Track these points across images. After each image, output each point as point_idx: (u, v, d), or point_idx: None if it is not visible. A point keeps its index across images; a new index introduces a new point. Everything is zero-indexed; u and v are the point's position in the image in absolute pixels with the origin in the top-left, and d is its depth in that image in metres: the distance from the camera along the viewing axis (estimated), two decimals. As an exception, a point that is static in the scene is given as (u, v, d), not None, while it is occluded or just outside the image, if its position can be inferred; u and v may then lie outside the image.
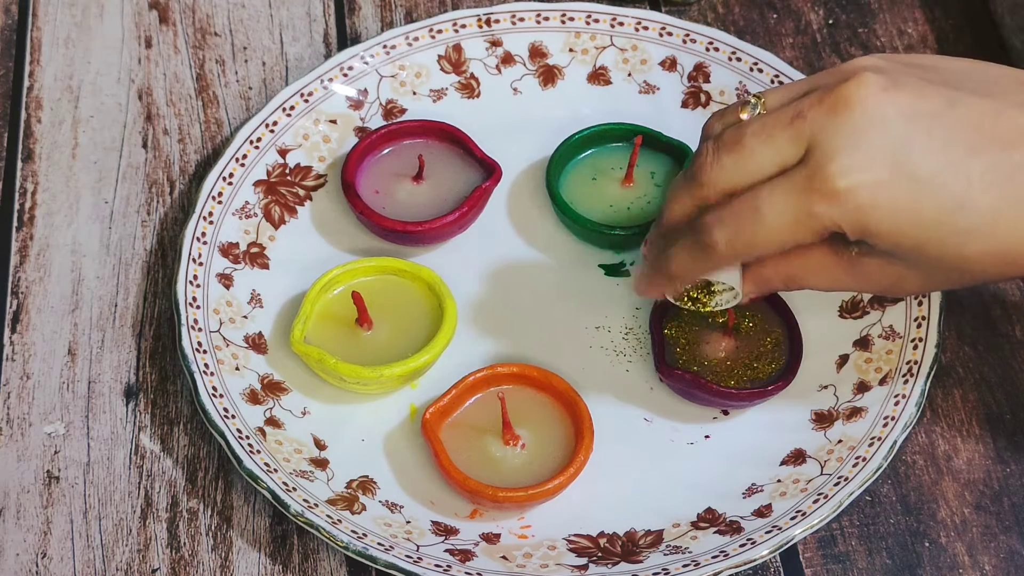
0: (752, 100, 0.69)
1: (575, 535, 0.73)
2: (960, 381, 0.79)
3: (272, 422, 0.76)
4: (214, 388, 0.75)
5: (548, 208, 0.84)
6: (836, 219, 0.64)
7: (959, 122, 0.65)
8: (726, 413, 0.77)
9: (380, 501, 0.74)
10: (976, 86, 0.67)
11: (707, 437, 0.76)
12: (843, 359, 0.78)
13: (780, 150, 0.66)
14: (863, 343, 0.78)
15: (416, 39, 0.88)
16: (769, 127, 0.66)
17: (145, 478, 0.75)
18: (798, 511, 0.72)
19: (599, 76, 0.88)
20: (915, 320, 0.77)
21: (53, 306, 0.81)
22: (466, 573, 0.70)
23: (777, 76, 0.85)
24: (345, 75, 0.86)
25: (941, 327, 0.77)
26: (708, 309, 0.73)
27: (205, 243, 0.80)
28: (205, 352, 0.76)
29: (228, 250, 0.81)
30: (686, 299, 0.73)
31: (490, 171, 0.82)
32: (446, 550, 0.72)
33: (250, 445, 0.73)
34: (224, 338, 0.78)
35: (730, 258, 0.68)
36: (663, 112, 0.87)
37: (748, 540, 0.71)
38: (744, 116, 0.69)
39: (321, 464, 0.75)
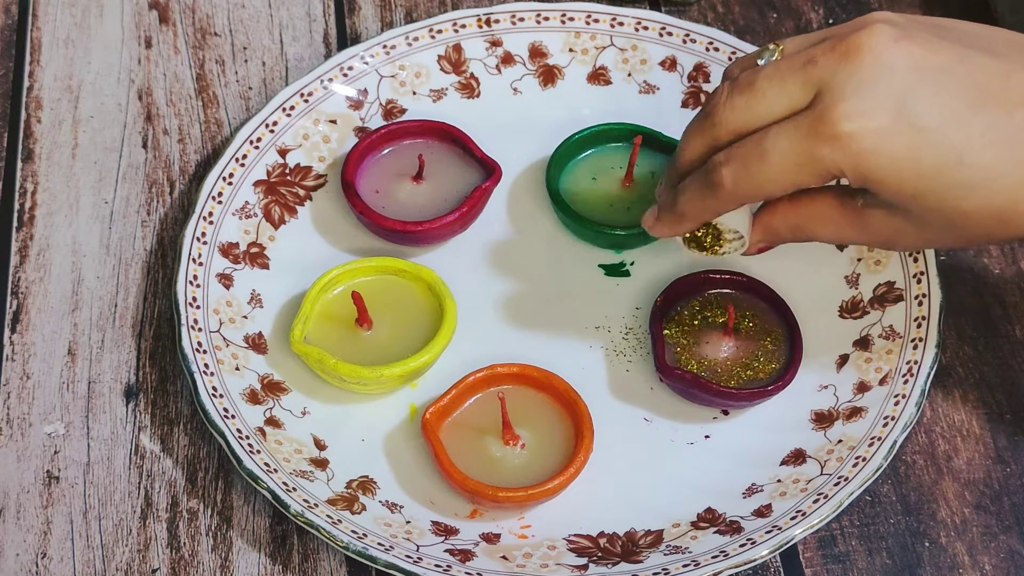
0: (771, 47, 0.70)
1: (575, 535, 0.73)
2: (960, 381, 0.79)
3: (272, 422, 0.76)
4: (214, 388, 0.75)
5: (548, 208, 0.84)
6: (838, 163, 0.65)
7: (967, 78, 0.66)
8: (726, 413, 0.77)
9: (380, 501, 0.74)
10: (988, 46, 0.67)
11: (707, 437, 0.76)
12: (843, 359, 0.78)
13: (790, 94, 0.67)
14: (863, 343, 0.78)
15: (416, 39, 0.88)
16: (782, 71, 0.68)
17: (145, 478, 0.75)
18: (798, 511, 0.72)
19: (599, 76, 0.88)
20: (915, 320, 0.77)
21: (53, 306, 0.81)
22: (466, 573, 0.70)
23: (777, 76, 0.85)
24: (345, 75, 0.86)
25: (941, 327, 0.77)
26: (717, 255, 0.74)
27: (205, 243, 0.80)
28: (205, 352, 0.76)
29: (228, 250, 0.81)
30: (693, 243, 0.74)
31: (490, 171, 0.82)
32: (446, 550, 0.72)
33: (250, 445, 0.73)
34: (224, 338, 0.78)
35: (736, 197, 0.69)
36: (663, 112, 0.87)
37: (748, 540, 0.71)
38: (761, 62, 0.70)
39: (321, 464, 0.75)
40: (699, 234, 0.74)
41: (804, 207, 0.71)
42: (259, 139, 0.84)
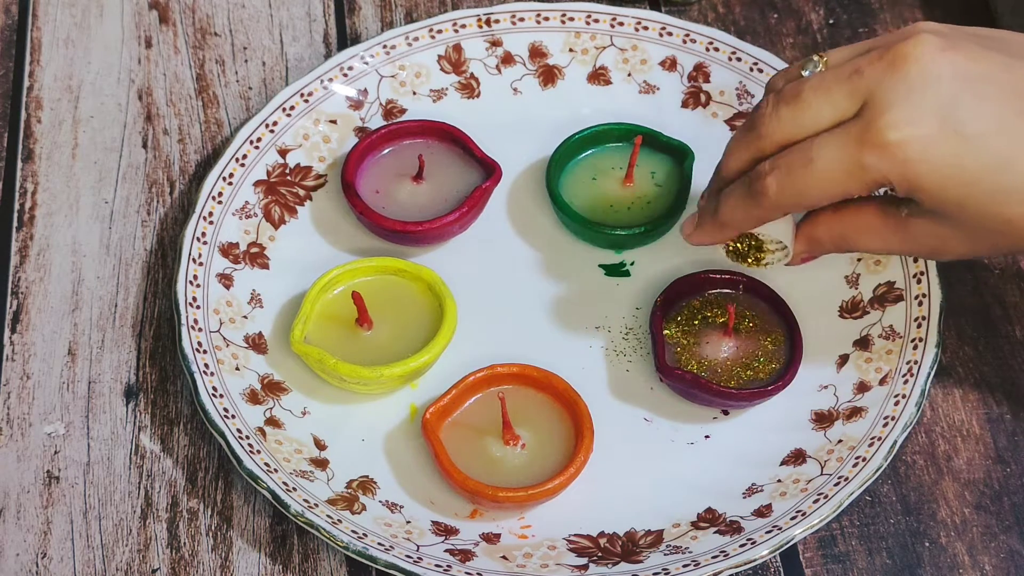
0: (815, 58, 0.70)
1: (575, 535, 0.73)
2: (960, 381, 0.79)
3: (272, 422, 0.76)
4: (214, 388, 0.75)
5: (548, 208, 0.84)
6: (885, 171, 0.66)
7: (1011, 87, 0.66)
8: (726, 413, 0.77)
9: (380, 501, 0.74)
10: None
11: (707, 437, 0.76)
12: (843, 359, 0.78)
13: (837, 104, 0.67)
14: (863, 343, 0.78)
15: (416, 39, 0.88)
16: (828, 82, 0.68)
17: (145, 478, 0.75)
18: (798, 511, 0.72)
19: (599, 76, 0.88)
20: (915, 320, 0.77)
21: (53, 306, 0.81)
22: (466, 573, 0.70)
23: (777, 76, 0.85)
24: (345, 75, 0.86)
25: (941, 327, 0.77)
26: (760, 266, 0.75)
27: (205, 243, 0.80)
28: (205, 352, 0.76)
29: (228, 250, 0.81)
30: (736, 254, 0.75)
31: (490, 171, 0.82)
32: (446, 550, 0.72)
33: (250, 445, 0.73)
34: (224, 338, 0.78)
35: (780, 207, 0.69)
36: (663, 112, 0.87)
37: (748, 540, 0.71)
38: (805, 73, 0.70)
39: (321, 464, 0.75)
40: (741, 246, 0.75)
41: (848, 217, 0.71)
42: (259, 139, 0.84)
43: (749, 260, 0.75)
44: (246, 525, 0.74)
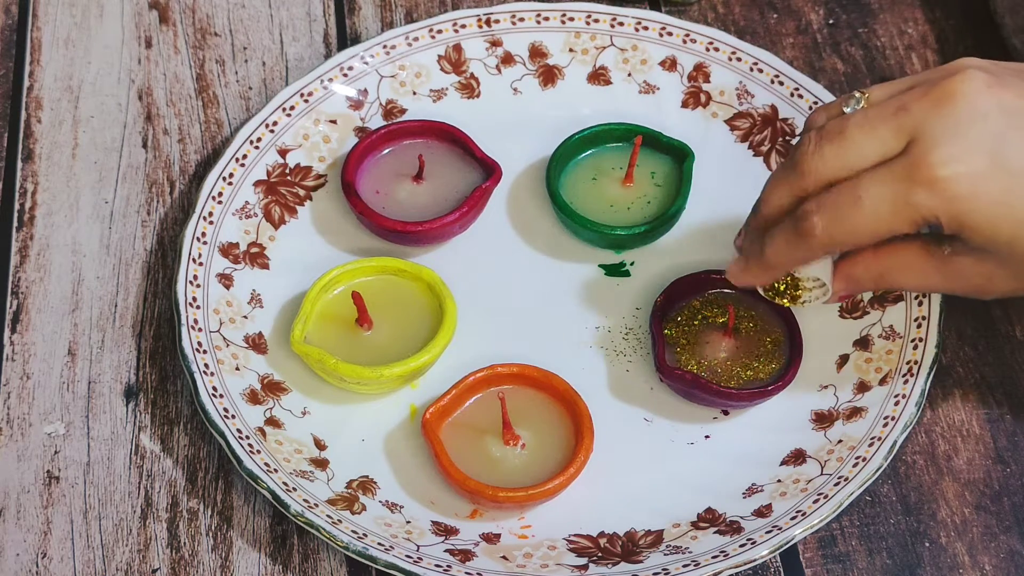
0: (857, 95, 0.70)
1: (575, 535, 0.73)
2: (960, 381, 0.79)
3: (272, 422, 0.76)
4: (214, 388, 0.75)
5: (548, 208, 0.84)
6: (934, 208, 0.65)
7: None
8: (726, 413, 0.77)
9: (380, 501, 0.74)
10: None
11: (707, 437, 0.76)
12: (843, 359, 0.78)
13: (883, 141, 0.67)
14: (863, 343, 0.78)
15: (416, 39, 0.88)
16: (872, 119, 0.67)
17: (145, 478, 0.75)
18: (798, 511, 0.72)
19: (599, 76, 0.88)
20: (915, 320, 0.77)
21: (53, 306, 0.81)
22: (466, 573, 0.70)
23: (777, 76, 0.85)
24: (345, 75, 0.86)
25: (941, 327, 0.77)
26: (797, 304, 0.74)
27: (205, 243, 0.80)
28: (205, 352, 0.76)
29: (228, 250, 0.81)
30: (774, 292, 0.74)
31: (490, 171, 0.82)
32: (446, 550, 0.72)
33: (250, 445, 0.73)
34: (224, 338, 0.78)
35: (826, 245, 0.68)
36: (663, 112, 0.87)
37: (748, 540, 0.71)
38: (847, 110, 0.70)
39: (321, 464, 0.75)
40: (779, 284, 0.74)
41: (888, 256, 0.71)
42: (259, 139, 0.84)
43: (787, 299, 0.75)
44: (246, 525, 0.74)
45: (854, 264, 0.72)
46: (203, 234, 0.80)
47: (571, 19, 0.88)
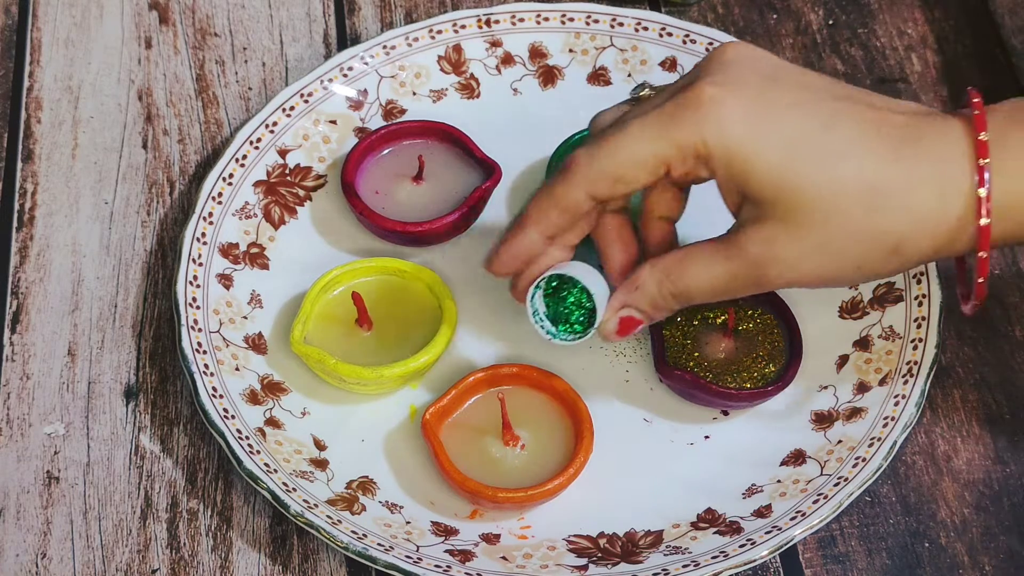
0: (641, 83, 0.72)
1: (575, 535, 0.73)
2: (960, 381, 0.79)
3: (272, 422, 0.76)
4: (214, 388, 0.75)
5: (548, 208, 0.84)
6: (701, 132, 0.64)
7: (829, 81, 0.67)
8: (726, 413, 0.77)
9: (380, 501, 0.74)
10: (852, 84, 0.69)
11: (707, 437, 0.76)
12: (843, 359, 0.78)
13: (656, 101, 0.68)
14: (863, 343, 0.78)
15: (416, 40, 0.88)
16: (656, 94, 0.69)
17: (145, 478, 0.75)
18: (798, 511, 0.72)
19: (599, 76, 0.88)
20: (915, 320, 0.77)
21: (53, 306, 0.81)
22: (466, 573, 0.70)
23: (777, 76, 0.85)
24: (345, 75, 0.86)
25: (941, 327, 0.77)
26: (569, 338, 0.73)
27: (205, 243, 0.80)
28: (205, 352, 0.76)
29: (228, 250, 0.81)
30: (544, 326, 0.73)
31: (490, 171, 0.82)
32: (446, 550, 0.72)
33: (250, 445, 0.73)
34: (224, 338, 0.78)
35: (588, 177, 0.67)
36: (663, 112, 0.87)
37: (748, 540, 0.71)
38: (631, 92, 0.72)
39: (321, 464, 0.75)
40: (545, 309, 0.73)
41: (673, 253, 0.69)
42: (259, 139, 0.84)
43: (551, 331, 0.73)
44: (246, 525, 0.74)
45: (640, 269, 0.70)
46: (203, 234, 0.80)
47: (571, 19, 0.88)
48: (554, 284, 0.73)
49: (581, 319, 0.73)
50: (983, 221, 0.64)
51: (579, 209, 0.69)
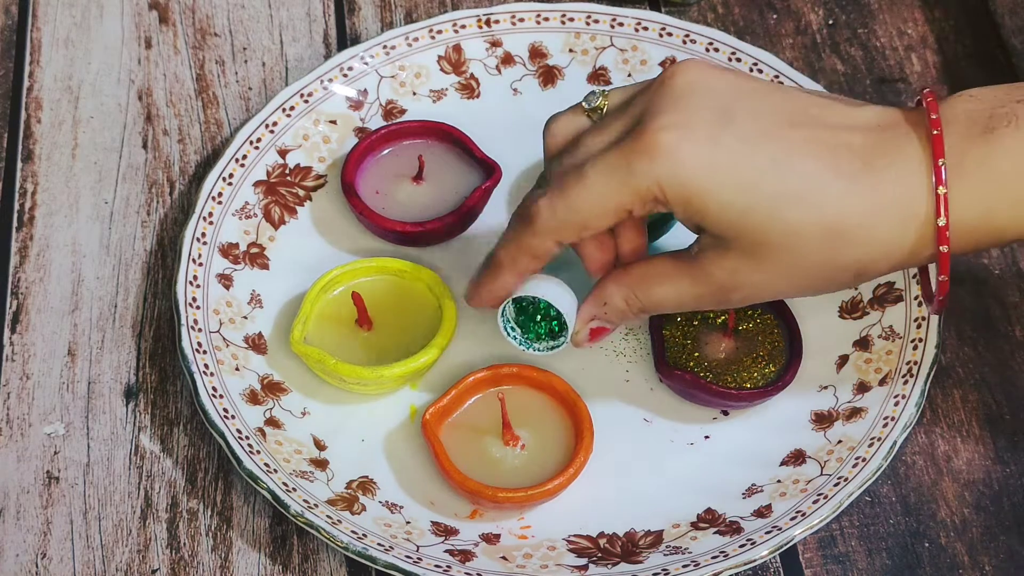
0: (596, 91, 0.70)
1: (575, 535, 0.73)
2: (960, 381, 0.79)
3: (272, 422, 0.76)
4: (214, 388, 0.75)
5: (548, 208, 0.84)
6: (657, 177, 0.64)
7: (784, 101, 0.66)
8: (726, 413, 0.77)
9: (380, 502, 0.74)
10: (807, 90, 0.68)
11: (707, 437, 0.76)
12: (843, 359, 0.78)
13: (611, 134, 0.67)
14: (863, 343, 0.78)
15: (416, 40, 0.88)
16: (604, 122, 0.68)
17: (145, 478, 0.75)
18: (798, 511, 0.72)
19: (599, 76, 0.88)
20: (915, 320, 0.77)
21: (53, 306, 0.81)
22: (466, 573, 0.70)
23: (777, 76, 0.85)
24: (345, 75, 0.86)
25: (941, 327, 0.77)
26: (542, 349, 0.74)
27: (205, 243, 0.80)
28: (205, 353, 0.76)
29: (228, 250, 0.81)
30: (520, 339, 0.74)
31: (490, 171, 0.82)
32: (446, 550, 0.72)
33: (250, 445, 0.73)
34: (224, 338, 0.78)
35: (553, 228, 0.67)
36: (663, 112, 0.87)
37: (748, 540, 0.71)
38: (586, 105, 0.70)
39: (321, 464, 0.75)
40: (516, 322, 0.74)
41: (637, 268, 0.70)
42: (259, 139, 0.84)
43: (527, 344, 0.74)
44: (246, 525, 0.74)
45: (604, 283, 0.71)
46: (203, 234, 0.80)
47: (571, 19, 0.88)
48: (522, 304, 0.74)
49: (552, 328, 0.74)
50: (943, 248, 0.64)
51: (549, 252, 0.69)
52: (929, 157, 0.64)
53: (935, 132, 0.64)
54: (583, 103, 0.70)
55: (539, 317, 0.74)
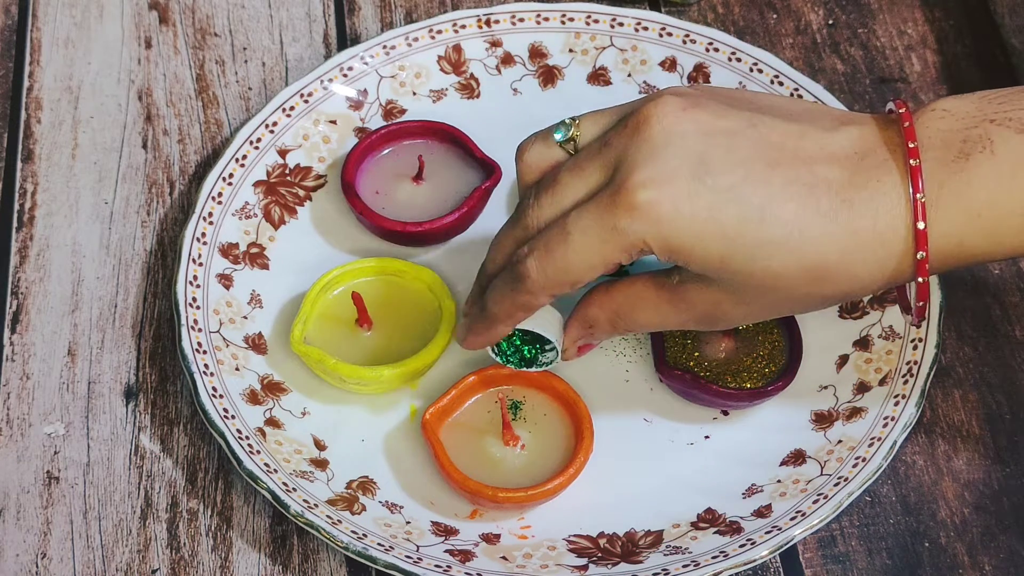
0: (567, 121, 0.70)
1: (575, 535, 0.73)
2: (960, 381, 0.79)
3: (272, 422, 0.76)
4: (214, 388, 0.75)
5: (548, 208, 0.84)
6: (640, 233, 0.64)
7: (760, 139, 0.65)
8: (726, 413, 0.77)
9: (380, 501, 0.74)
10: (782, 113, 0.67)
11: (707, 437, 0.76)
12: (843, 359, 0.78)
13: (589, 178, 0.67)
14: (863, 343, 0.78)
15: (416, 40, 0.88)
16: (581, 161, 0.68)
17: (145, 478, 0.76)
18: (798, 511, 0.72)
19: (599, 76, 0.88)
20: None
21: (53, 306, 0.81)
22: (466, 573, 0.70)
23: (777, 76, 0.85)
24: (345, 75, 0.86)
25: (941, 327, 0.77)
26: (536, 367, 0.74)
27: (205, 243, 0.80)
28: (205, 352, 0.76)
29: (228, 250, 0.81)
30: (506, 358, 0.74)
31: (490, 171, 0.82)
32: (446, 550, 0.72)
33: (250, 445, 0.73)
34: (224, 338, 0.78)
35: (545, 287, 0.67)
36: (663, 112, 0.87)
37: (748, 540, 0.71)
38: (557, 136, 0.70)
39: (321, 464, 0.75)
40: (507, 347, 0.74)
41: (620, 293, 0.70)
42: (259, 139, 0.84)
43: (518, 362, 0.74)
44: (246, 525, 0.74)
45: (588, 306, 0.71)
46: (203, 234, 0.80)
47: (571, 19, 0.88)
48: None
49: (536, 347, 0.75)
50: (920, 279, 0.65)
51: (543, 304, 0.70)
52: (907, 190, 0.64)
53: (913, 163, 0.64)
54: (555, 135, 0.70)
55: (525, 341, 0.74)
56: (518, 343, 0.74)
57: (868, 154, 0.65)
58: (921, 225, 0.64)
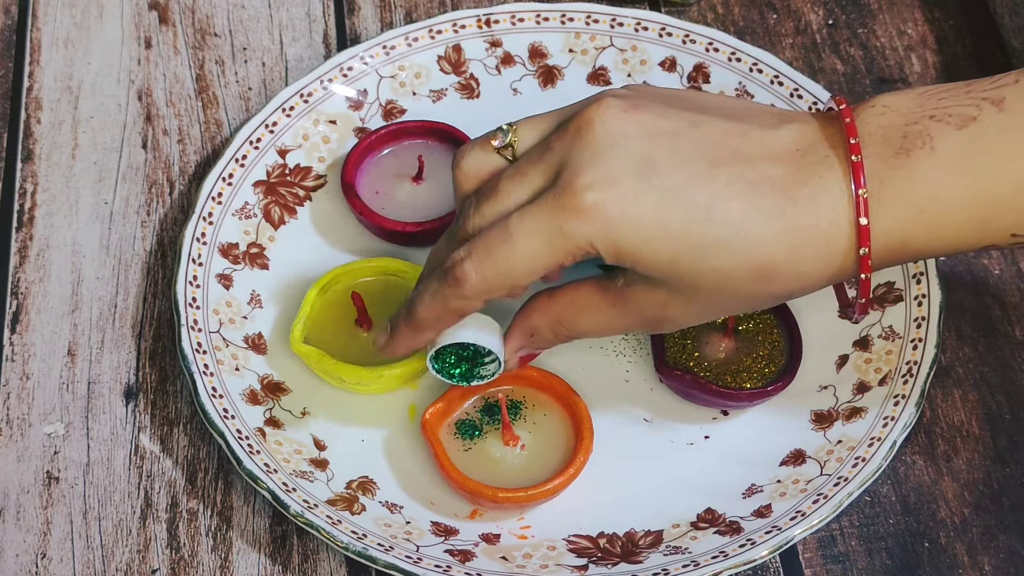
0: (504, 127, 0.69)
1: (575, 535, 0.73)
2: (960, 381, 0.79)
3: (272, 422, 0.76)
4: (214, 389, 0.75)
5: (548, 208, 0.84)
6: (588, 236, 0.64)
7: (702, 139, 0.65)
8: (726, 413, 0.77)
9: (380, 502, 0.74)
10: (723, 112, 0.67)
11: (707, 437, 0.76)
12: (843, 359, 0.78)
13: (531, 184, 0.66)
14: (863, 343, 0.78)
15: (416, 40, 0.88)
16: (522, 166, 0.67)
17: (145, 479, 0.76)
18: (798, 511, 0.72)
19: (599, 77, 0.88)
20: (915, 320, 0.77)
21: (53, 306, 0.81)
22: (466, 573, 0.70)
23: (776, 76, 0.85)
24: (345, 75, 0.86)
25: (941, 327, 0.77)
26: (474, 382, 0.73)
27: (205, 244, 0.80)
28: (205, 353, 0.76)
29: (228, 251, 0.81)
30: (447, 374, 0.73)
31: (490, 171, 0.82)
32: (446, 550, 0.72)
33: (250, 446, 0.73)
34: (224, 339, 0.78)
35: (482, 291, 0.66)
36: (663, 112, 0.87)
37: (748, 540, 0.71)
38: (496, 143, 0.69)
39: (321, 464, 0.75)
40: (448, 362, 0.73)
41: (563, 297, 0.69)
42: (259, 139, 0.84)
43: (458, 379, 0.73)
44: (246, 525, 0.74)
45: (529, 313, 0.70)
46: (203, 234, 0.80)
47: (571, 19, 0.88)
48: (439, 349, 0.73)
49: (477, 360, 0.73)
50: (864, 276, 0.65)
51: (475, 310, 0.69)
52: (849, 185, 0.64)
53: (854, 159, 0.64)
54: (492, 141, 0.69)
55: (462, 358, 0.73)
56: (454, 359, 0.73)
57: (810, 151, 0.65)
58: (864, 221, 0.64)
